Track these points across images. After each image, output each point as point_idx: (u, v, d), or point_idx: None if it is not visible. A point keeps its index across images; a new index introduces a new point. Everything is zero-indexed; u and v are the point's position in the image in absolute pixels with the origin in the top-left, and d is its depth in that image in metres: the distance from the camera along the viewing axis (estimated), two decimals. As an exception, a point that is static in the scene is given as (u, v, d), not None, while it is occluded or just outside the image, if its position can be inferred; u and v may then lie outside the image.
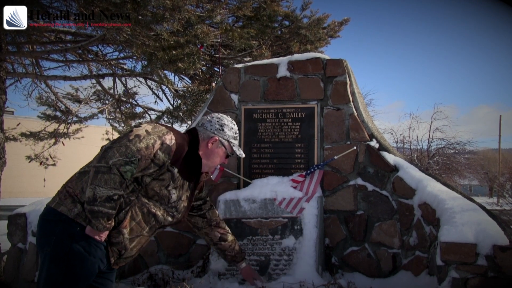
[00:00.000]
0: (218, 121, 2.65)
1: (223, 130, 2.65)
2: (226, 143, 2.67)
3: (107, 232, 2.25)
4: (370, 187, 4.63)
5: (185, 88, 8.93)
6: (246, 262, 3.25)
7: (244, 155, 2.84)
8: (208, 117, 2.70)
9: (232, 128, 2.71)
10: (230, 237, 3.09)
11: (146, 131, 2.27)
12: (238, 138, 2.77)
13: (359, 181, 4.69)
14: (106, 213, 2.15)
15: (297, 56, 5.11)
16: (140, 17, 5.21)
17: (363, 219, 4.62)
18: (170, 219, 2.52)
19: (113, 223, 2.25)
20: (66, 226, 2.21)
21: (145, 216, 2.39)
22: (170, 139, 2.34)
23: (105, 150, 2.18)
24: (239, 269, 3.21)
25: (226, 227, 3.10)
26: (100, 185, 2.11)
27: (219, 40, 7.39)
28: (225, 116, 2.76)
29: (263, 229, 4.46)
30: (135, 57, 7.73)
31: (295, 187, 4.67)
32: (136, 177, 2.30)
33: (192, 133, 2.61)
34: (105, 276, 2.48)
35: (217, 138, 2.62)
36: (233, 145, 2.71)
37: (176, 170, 2.42)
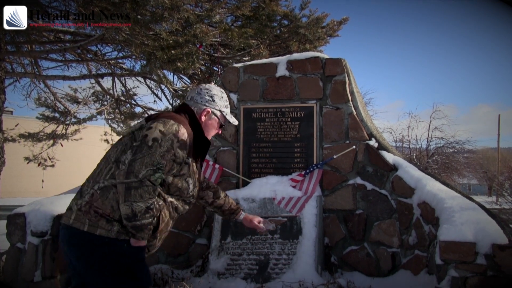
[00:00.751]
0: (207, 92, 2.60)
1: (213, 100, 2.59)
2: (218, 113, 2.62)
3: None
4: (369, 186, 4.63)
5: (184, 88, 8.92)
6: (244, 211, 3.19)
7: (237, 122, 2.81)
8: (196, 89, 2.63)
9: (222, 97, 2.66)
10: (222, 193, 3.05)
11: (160, 131, 2.23)
12: (228, 105, 2.73)
13: (358, 180, 4.69)
14: (148, 224, 2.17)
15: (296, 56, 5.11)
16: (139, 16, 5.21)
17: (362, 218, 4.62)
18: (187, 207, 2.54)
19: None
20: (113, 248, 2.19)
21: (171, 214, 2.41)
22: (183, 133, 2.31)
23: (130, 164, 2.13)
24: (241, 221, 3.14)
25: (215, 185, 3.07)
26: (136, 200, 2.10)
27: (218, 40, 7.38)
28: (212, 85, 2.70)
29: (262, 228, 4.46)
30: (134, 57, 7.72)
31: (294, 187, 4.67)
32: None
33: (187, 111, 2.54)
34: None
35: (209, 109, 2.57)
36: (226, 114, 2.67)
37: (190, 160, 2.42)
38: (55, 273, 4.07)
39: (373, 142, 4.70)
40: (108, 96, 9.76)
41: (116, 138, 10.69)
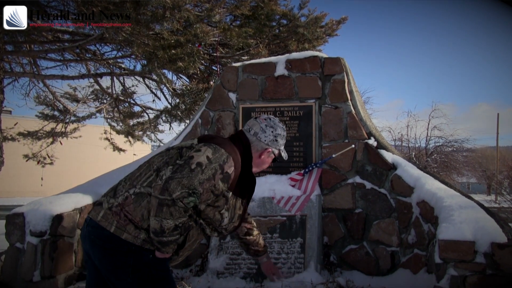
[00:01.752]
0: (272, 132, 2.54)
1: (276, 141, 2.56)
2: (277, 152, 2.63)
3: None
4: (368, 185, 4.63)
5: (183, 87, 8.93)
6: (267, 256, 3.21)
7: (286, 158, 2.78)
8: (261, 124, 2.55)
9: (284, 135, 2.62)
10: (255, 232, 3.06)
11: (207, 158, 2.18)
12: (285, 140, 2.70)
13: (358, 179, 4.69)
14: (174, 240, 2.17)
15: (295, 55, 5.11)
16: (140, 16, 5.21)
17: (362, 217, 4.62)
18: (215, 234, 2.49)
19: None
20: (138, 256, 2.19)
21: (198, 235, 2.40)
22: (230, 166, 2.26)
23: (166, 181, 2.09)
24: (261, 263, 3.18)
25: (253, 221, 3.06)
26: (167, 218, 2.09)
27: (217, 39, 7.38)
28: (277, 121, 2.63)
29: (261, 227, 4.45)
30: (133, 56, 7.72)
31: (293, 186, 4.68)
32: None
33: (243, 142, 2.49)
34: None
35: (270, 149, 2.56)
36: (282, 151, 2.66)
37: (230, 194, 2.37)
38: (54, 273, 4.07)
39: (372, 141, 4.70)
40: (107, 95, 9.76)
41: (116, 136, 10.70)
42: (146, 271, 2.21)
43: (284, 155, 2.71)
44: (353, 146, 4.68)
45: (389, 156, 4.61)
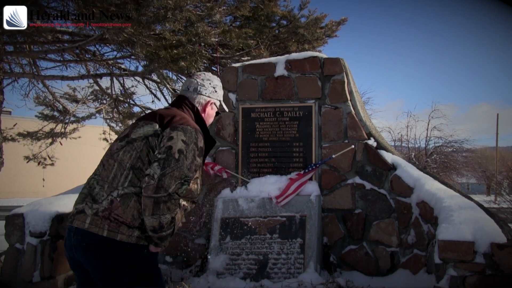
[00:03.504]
0: (210, 83, 2.62)
1: (216, 91, 2.64)
2: (218, 103, 2.68)
3: None
4: (368, 185, 4.64)
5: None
6: None
7: (227, 110, 2.89)
8: (198, 79, 2.61)
9: (221, 86, 2.70)
10: None
11: (183, 142, 2.23)
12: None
13: (357, 179, 4.69)
14: (172, 232, 2.23)
15: (294, 55, 5.11)
16: (141, 17, 5.21)
17: (361, 218, 4.62)
18: (193, 205, 2.56)
19: None
20: (134, 254, 2.20)
21: (182, 217, 2.43)
22: (200, 140, 2.33)
23: (159, 179, 2.11)
24: None
25: None
26: (164, 213, 2.13)
27: (216, 40, 7.38)
28: (211, 74, 2.72)
29: (261, 228, 4.46)
30: (133, 57, 7.72)
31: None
32: None
33: (189, 107, 2.54)
34: None
35: (212, 101, 2.62)
36: (223, 103, 2.74)
37: (201, 160, 2.43)
38: (54, 274, 4.07)
39: (372, 142, 4.70)
40: (106, 96, 9.76)
41: (115, 137, 10.67)
42: (143, 267, 2.23)
43: (226, 107, 2.78)
44: (352, 146, 4.69)
45: (388, 157, 4.61)
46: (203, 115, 2.57)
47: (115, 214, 2.16)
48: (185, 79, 9.27)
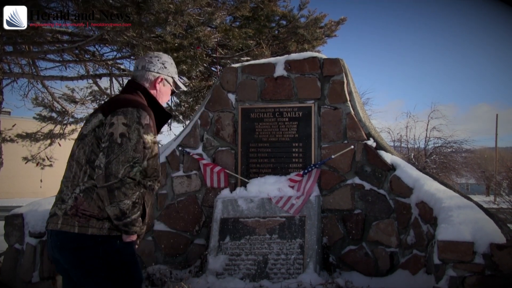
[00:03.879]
0: (158, 60, 2.59)
1: (165, 67, 2.60)
2: (170, 79, 2.65)
3: None
4: (367, 186, 4.63)
5: (186, 84, 8.93)
6: None
7: (185, 88, 2.86)
8: (146, 58, 2.61)
9: (171, 63, 2.66)
10: None
11: (124, 124, 2.22)
12: (177, 72, 2.75)
13: (357, 180, 4.69)
14: (138, 217, 2.21)
15: (294, 56, 5.11)
16: (143, 20, 5.22)
17: (361, 218, 4.62)
18: (159, 184, 2.55)
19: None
20: (106, 245, 2.20)
21: (152, 197, 2.45)
22: (144, 116, 2.28)
23: (106, 167, 2.13)
24: None
25: None
26: (121, 199, 2.12)
27: (216, 40, 7.39)
28: (161, 53, 2.72)
29: (260, 228, 4.46)
30: (133, 57, 7.72)
31: (292, 187, 4.68)
32: None
33: (137, 88, 2.53)
34: None
35: (162, 77, 2.59)
36: (177, 80, 2.71)
37: (157, 137, 2.43)
38: (53, 274, 4.07)
39: (371, 142, 4.70)
40: (105, 96, 9.75)
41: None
42: (117, 258, 2.22)
43: (181, 84, 2.75)
44: (352, 147, 4.69)
45: (388, 157, 4.62)
46: (153, 92, 2.56)
47: (81, 209, 2.20)
48: (184, 79, 9.30)
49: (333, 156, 4.67)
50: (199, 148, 5.15)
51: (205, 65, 7.39)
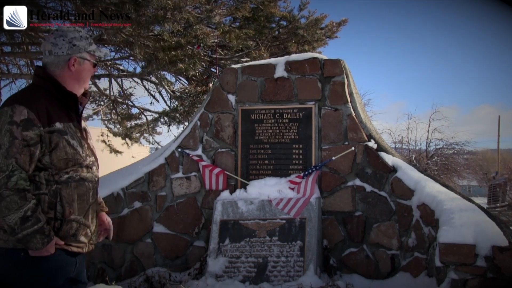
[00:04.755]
0: (64, 39, 2.23)
1: (74, 45, 2.25)
2: (86, 55, 2.30)
3: (53, 242, 2.05)
4: (368, 188, 4.60)
5: (182, 89, 8.91)
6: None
7: (108, 52, 2.56)
8: (51, 40, 2.25)
9: (81, 35, 2.30)
10: None
11: None
12: (91, 39, 2.38)
13: (357, 182, 4.66)
14: (33, 232, 1.97)
15: (294, 57, 5.09)
16: (140, 17, 5.19)
17: (362, 220, 4.59)
18: (97, 173, 2.34)
19: (51, 231, 2.05)
20: (7, 258, 2.04)
21: (79, 188, 2.19)
22: (19, 112, 2.02)
23: None
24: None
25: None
26: (6, 215, 1.93)
27: (216, 41, 7.37)
28: (64, 27, 2.34)
29: (260, 230, 4.43)
30: (132, 58, 7.70)
31: (292, 189, 4.65)
32: (34, 169, 2.06)
33: (38, 76, 2.25)
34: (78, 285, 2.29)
35: (74, 57, 2.24)
36: (94, 51, 2.34)
37: (57, 125, 2.13)
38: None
39: (372, 144, 4.67)
40: (104, 97, 9.73)
41: (113, 139, 10.65)
42: (19, 272, 2.06)
43: (101, 53, 2.44)
44: (353, 148, 4.65)
45: (389, 159, 4.58)
46: (69, 74, 2.25)
47: None
48: (183, 80, 9.27)
49: (333, 158, 4.64)
50: (199, 149, 5.12)
51: (202, 64, 7.37)
